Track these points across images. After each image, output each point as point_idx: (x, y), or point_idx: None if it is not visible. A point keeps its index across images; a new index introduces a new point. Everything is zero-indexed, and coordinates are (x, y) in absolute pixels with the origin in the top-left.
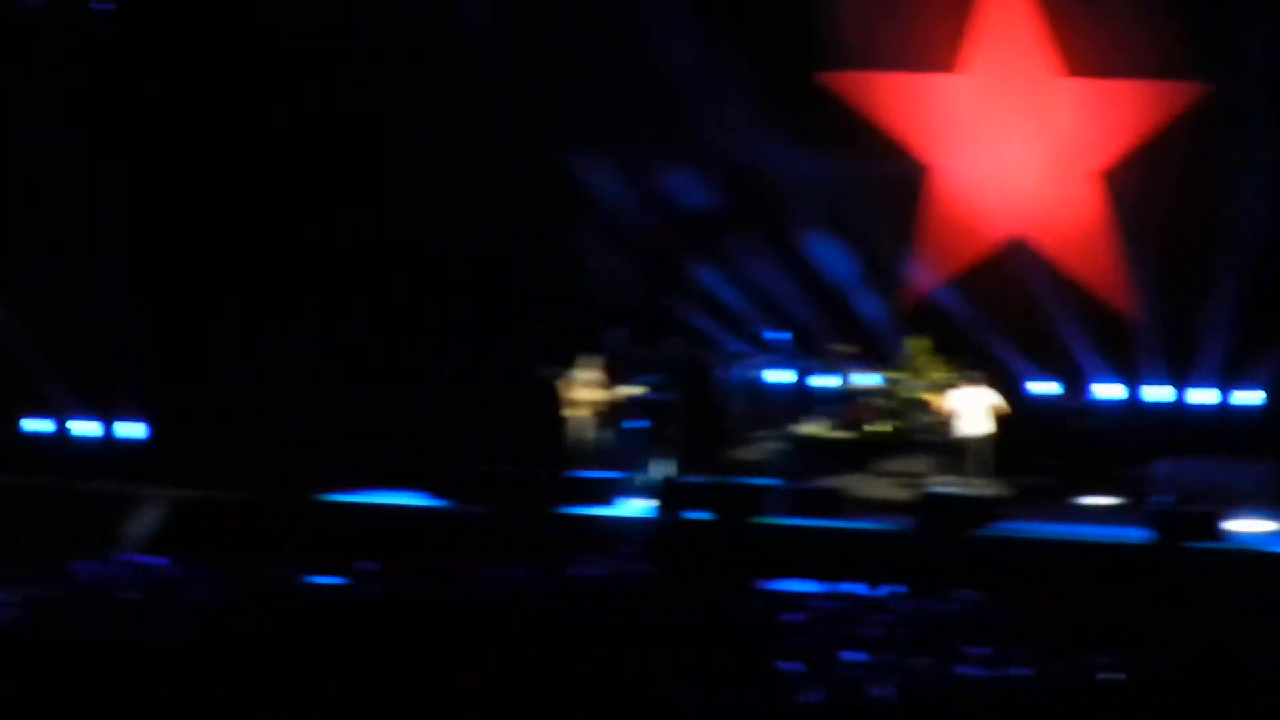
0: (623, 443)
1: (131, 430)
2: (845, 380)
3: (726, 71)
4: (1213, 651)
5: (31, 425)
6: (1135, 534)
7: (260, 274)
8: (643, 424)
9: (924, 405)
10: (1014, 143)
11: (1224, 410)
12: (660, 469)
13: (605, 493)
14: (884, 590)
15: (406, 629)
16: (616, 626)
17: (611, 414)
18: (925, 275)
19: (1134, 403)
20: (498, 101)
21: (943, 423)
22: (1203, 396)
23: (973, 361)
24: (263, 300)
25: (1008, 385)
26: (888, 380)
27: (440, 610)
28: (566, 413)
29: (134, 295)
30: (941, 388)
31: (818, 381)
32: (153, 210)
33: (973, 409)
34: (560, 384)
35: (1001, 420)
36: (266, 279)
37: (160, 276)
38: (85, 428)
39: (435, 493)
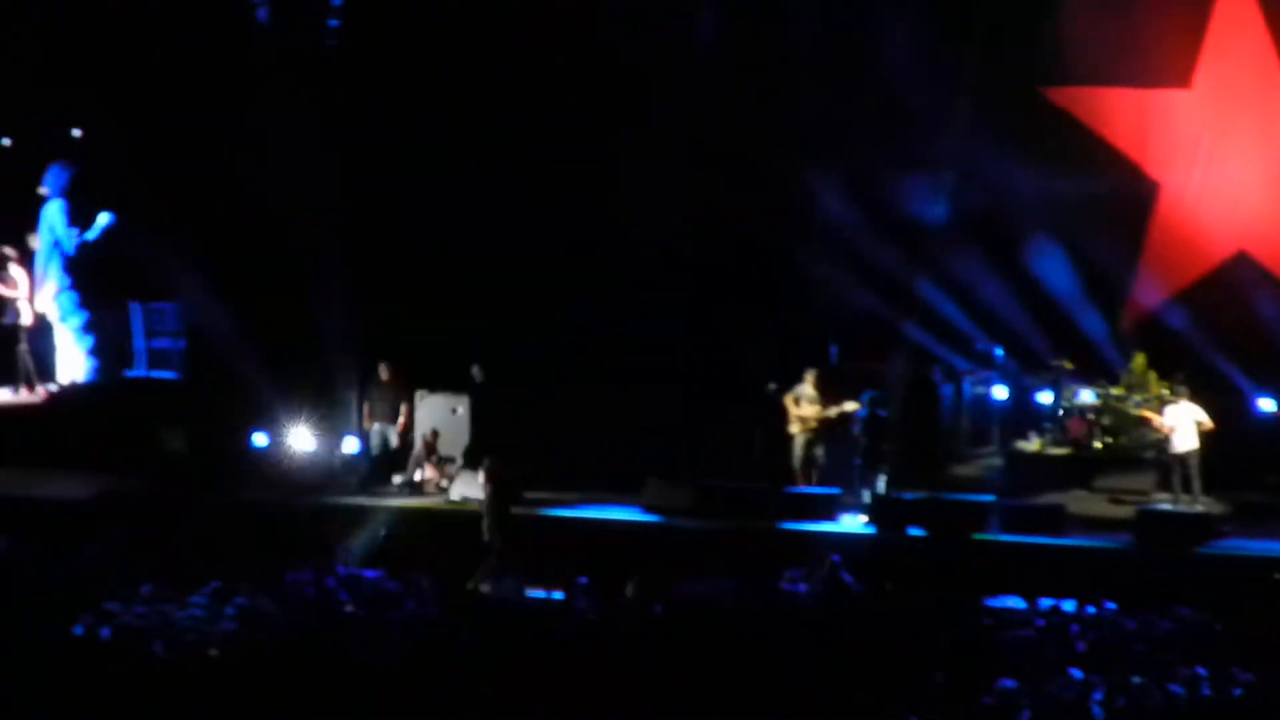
0: (842, 459)
1: (351, 446)
2: (1066, 397)
3: (956, 85)
4: None
5: (259, 440)
6: None
7: (481, 291)
8: (862, 440)
9: (1143, 421)
10: (1241, 158)
11: None
12: (878, 485)
13: (824, 508)
14: (1102, 608)
15: (621, 643)
16: (829, 641)
17: (832, 430)
18: (1150, 291)
19: None
20: (730, 115)
21: (1161, 439)
22: None
23: (1187, 377)
24: (483, 318)
25: (1231, 401)
26: (1108, 396)
27: (655, 624)
28: (791, 428)
29: (359, 312)
30: (1159, 404)
31: (1039, 398)
32: (381, 224)
33: (1184, 425)
34: (785, 399)
35: (1206, 436)
36: (486, 296)
37: (385, 294)
38: (308, 443)
39: (653, 508)
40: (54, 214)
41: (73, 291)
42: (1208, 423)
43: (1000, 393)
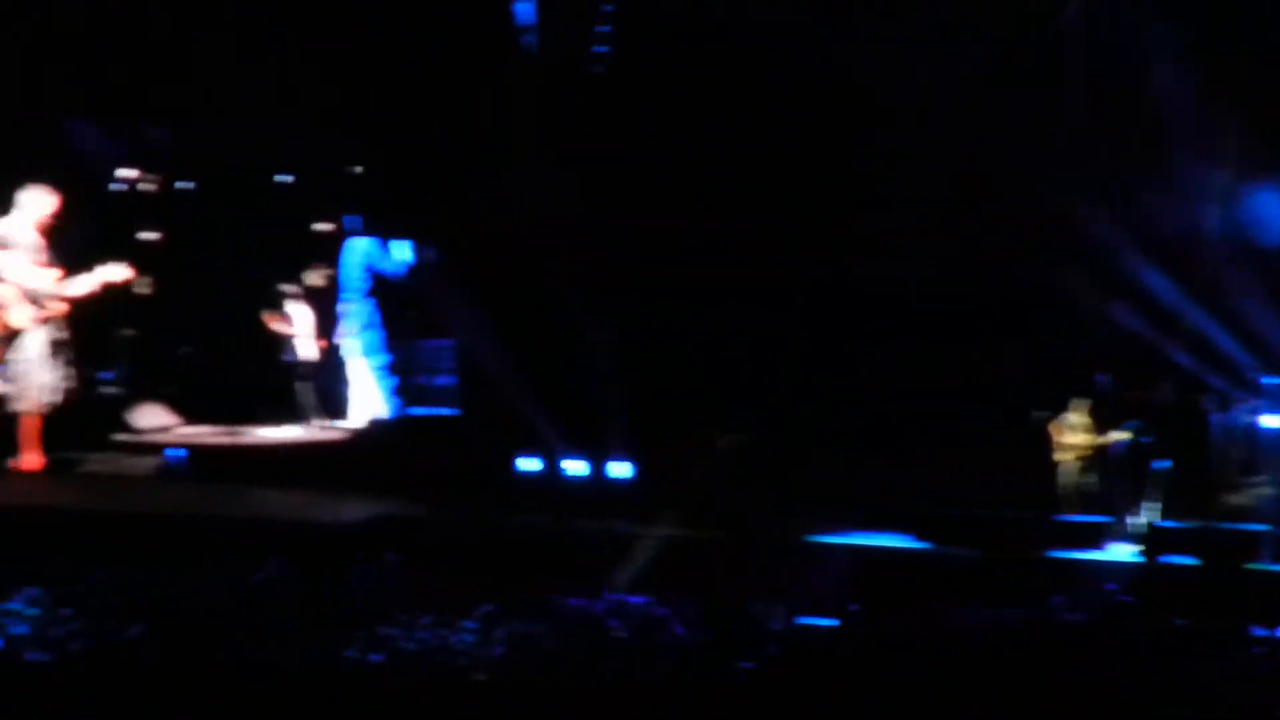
0: (1110, 487)
1: (620, 469)
2: None
3: (1218, 106)
4: None
5: (525, 464)
6: None
7: (752, 314)
8: (1127, 468)
9: None
10: None
11: None
12: (1147, 513)
13: (1092, 537)
14: None
15: (899, 668)
16: (1105, 669)
17: (1099, 458)
18: None
19: None
20: (991, 138)
21: None
22: None
23: None
24: (753, 341)
25: None
26: None
27: (928, 651)
28: (1057, 456)
29: (624, 334)
30: None
31: None
32: (644, 252)
33: None
34: (1051, 427)
35: None
36: (757, 319)
37: (649, 315)
38: (575, 467)
39: (920, 535)
40: (361, 251)
41: (378, 329)
42: None
43: (1272, 421)
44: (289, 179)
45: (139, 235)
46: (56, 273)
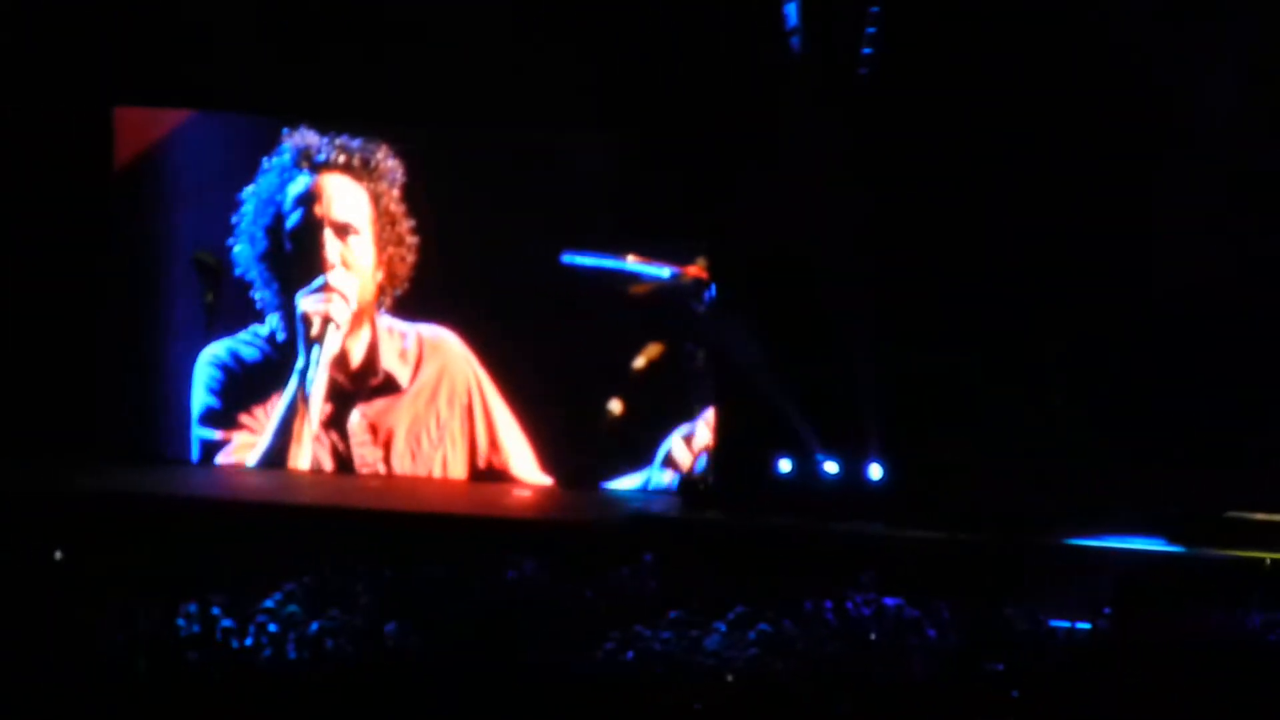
0: None
1: (873, 470)
2: None
3: None
4: None
5: (783, 465)
6: None
7: (1005, 313)
8: None
9: None
10: None
11: None
12: None
13: None
14: None
15: (1146, 675)
16: None
17: None
18: None
19: None
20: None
21: None
22: None
23: None
24: (1007, 342)
25: None
26: None
27: (1180, 656)
28: None
29: (881, 333)
30: None
31: None
32: (904, 253)
33: None
34: None
35: None
36: (1011, 317)
37: (906, 314)
38: (831, 468)
39: (1174, 539)
40: None
41: None
42: None
43: None
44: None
45: None
46: None
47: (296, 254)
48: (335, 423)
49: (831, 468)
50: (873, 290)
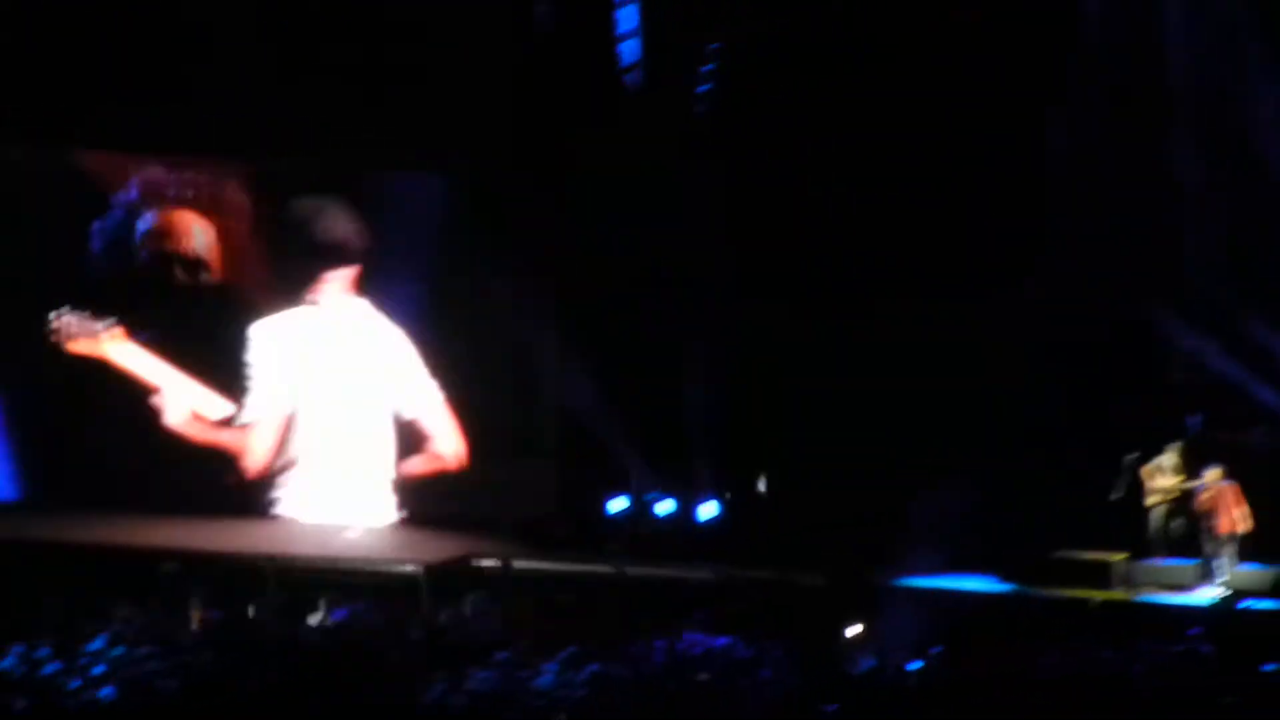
0: (1195, 530)
1: (707, 510)
2: None
3: None
4: None
5: (613, 505)
6: None
7: (840, 356)
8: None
9: None
10: None
11: None
12: (1231, 557)
13: (1181, 580)
14: None
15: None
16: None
17: (1186, 502)
18: None
19: None
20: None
21: None
22: None
23: None
24: (841, 382)
25: None
26: None
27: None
28: (1148, 500)
29: (713, 375)
30: None
31: None
32: (738, 294)
33: None
34: (1144, 470)
35: None
36: (846, 361)
37: (740, 355)
38: (663, 507)
39: (1004, 577)
40: None
41: None
42: None
43: None
44: None
45: None
46: None
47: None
48: None
49: (665, 508)
50: (708, 331)
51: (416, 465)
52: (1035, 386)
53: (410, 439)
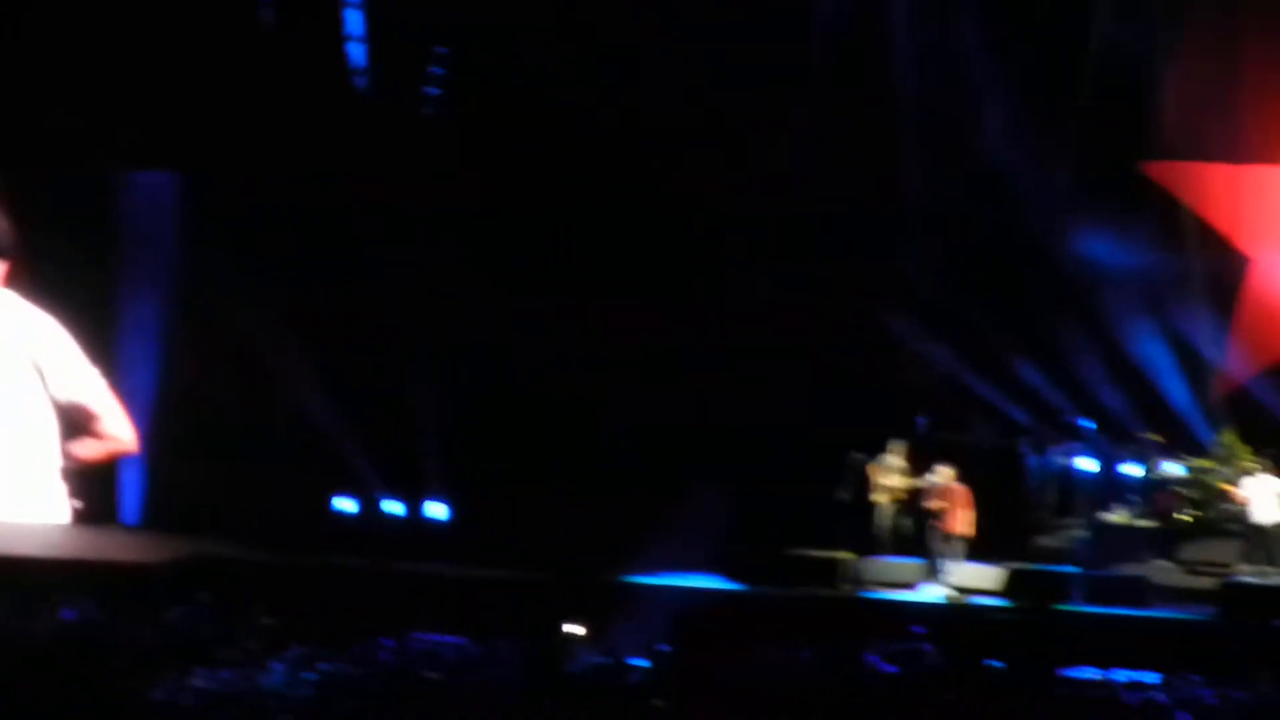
0: (921, 528)
1: (436, 510)
2: (1153, 469)
3: (1051, 159)
4: None
5: (340, 504)
6: None
7: (567, 359)
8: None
9: (1226, 494)
10: None
11: None
12: (958, 556)
13: (907, 578)
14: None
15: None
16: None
17: (912, 499)
18: (1240, 365)
19: None
20: (825, 183)
21: (1244, 511)
22: None
23: (1275, 452)
24: (569, 384)
25: None
26: (1195, 469)
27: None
28: (875, 497)
29: (440, 374)
30: (1244, 477)
31: (1126, 470)
32: (465, 293)
33: (1263, 497)
34: (870, 468)
35: None
36: (574, 363)
37: (467, 357)
38: (392, 507)
39: (733, 575)
40: None
41: None
42: None
43: (1087, 464)
44: None
45: None
46: None
47: None
48: None
49: (394, 508)
50: (432, 331)
51: (90, 450)
52: (765, 387)
53: (75, 422)
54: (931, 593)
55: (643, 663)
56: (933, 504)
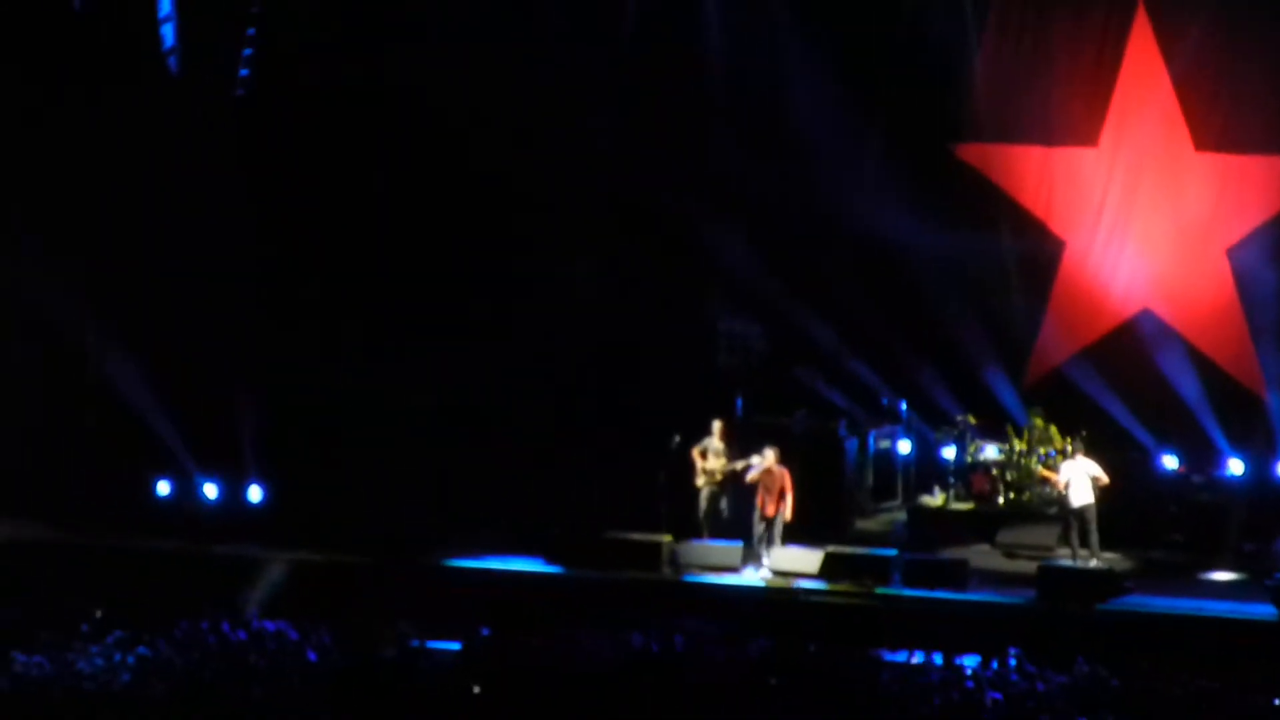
0: (742, 511)
1: (253, 493)
2: (970, 452)
3: (862, 142)
4: None
5: (161, 488)
6: (1258, 610)
7: (384, 339)
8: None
9: (1041, 477)
10: (1145, 216)
11: None
12: (777, 538)
13: (727, 561)
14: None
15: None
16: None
17: (737, 483)
18: (1054, 347)
19: (1259, 477)
20: (637, 167)
21: (1060, 494)
22: None
23: (1090, 434)
24: (385, 365)
25: (1135, 458)
26: (1011, 452)
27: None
28: (696, 481)
29: (259, 357)
30: (1056, 459)
31: (943, 453)
32: (281, 272)
33: (1078, 480)
34: (691, 452)
35: (1103, 491)
36: (390, 344)
37: (283, 338)
38: (210, 491)
39: (552, 559)
40: None
41: None
42: (1103, 478)
43: (904, 447)
44: None
45: None
46: None
47: None
48: None
49: (211, 490)
50: (251, 312)
51: None
52: (584, 371)
53: None
54: (752, 576)
55: (454, 645)
56: (751, 486)
